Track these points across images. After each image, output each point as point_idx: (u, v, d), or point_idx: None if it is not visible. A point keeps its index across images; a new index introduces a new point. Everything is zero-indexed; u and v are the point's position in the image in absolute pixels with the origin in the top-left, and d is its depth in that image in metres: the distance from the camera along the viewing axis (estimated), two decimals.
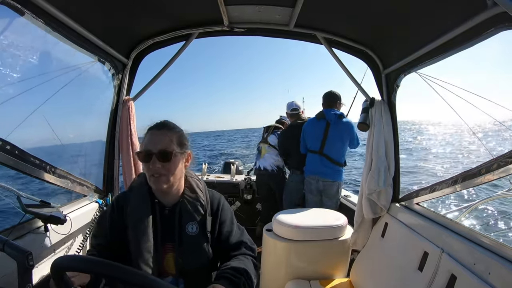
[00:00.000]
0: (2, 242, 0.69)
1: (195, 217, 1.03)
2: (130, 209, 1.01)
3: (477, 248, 1.12)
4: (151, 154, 0.95)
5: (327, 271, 1.88)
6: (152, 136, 1.00)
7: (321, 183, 2.70)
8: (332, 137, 2.70)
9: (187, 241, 1.00)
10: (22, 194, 1.25)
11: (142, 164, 1.00)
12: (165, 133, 1.00)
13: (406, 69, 1.63)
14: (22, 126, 1.25)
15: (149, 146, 0.97)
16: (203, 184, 1.14)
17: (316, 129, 2.78)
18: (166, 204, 1.04)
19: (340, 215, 2.01)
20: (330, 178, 2.68)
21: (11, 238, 1.11)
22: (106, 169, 1.94)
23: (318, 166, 2.72)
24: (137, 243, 0.96)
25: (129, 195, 1.05)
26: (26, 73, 1.27)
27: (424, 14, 1.25)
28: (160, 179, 0.96)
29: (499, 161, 1.06)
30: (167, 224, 1.02)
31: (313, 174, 2.76)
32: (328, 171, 2.68)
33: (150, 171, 0.96)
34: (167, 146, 0.97)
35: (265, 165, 3.30)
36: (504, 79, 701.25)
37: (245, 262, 1.01)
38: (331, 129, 2.70)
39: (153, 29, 1.78)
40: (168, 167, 0.97)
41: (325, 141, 2.71)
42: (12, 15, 1.05)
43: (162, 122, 1.05)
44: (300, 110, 3.25)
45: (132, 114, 1.91)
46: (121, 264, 0.60)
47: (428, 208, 1.61)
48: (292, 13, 1.56)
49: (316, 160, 2.74)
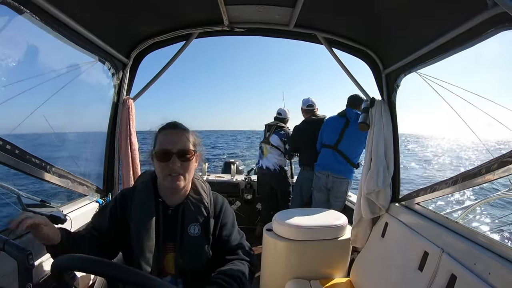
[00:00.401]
0: (2, 241, 0.69)
1: (197, 219, 1.03)
2: (134, 206, 1.00)
3: (477, 248, 1.12)
4: (170, 154, 0.95)
5: (327, 271, 1.88)
6: (168, 135, 0.99)
7: (331, 178, 2.67)
8: (349, 135, 2.68)
9: (189, 242, 1.00)
10: (22, 194, 1.25)
11: (156, 164, 0.98)
12: (182, 132, 1.00)
13: (406, 69, 1.63)
14: (22, 126, 1.25)
15: (167, 146, 0.96)
16: (208, 186, 1.14)
17: (336, 125, 2.78)
18: (170, 204, 1.04)
19: (340, 215, 2.02)
20: (342, 174, 2.65)
21: (11, 238, 1.11)
22: (106, 168, 1.94)
23: (330, 161, 2.70)
24: (139, 241, 0.96)
25: (133, 192, 1.05)
26: (26, 73, 1.27)
27: (424, 14, 1.25)
28: (178, 178, 0.96)
29: (499, 161, 1.06)
30: (170, 224, 1.02)
31: (324, 169, 2.73)
32: (341, 167, 2.66)
33: (168, 170, 0.96)
34: (185, 145, 0.98)
35: (267, 165, 3.32)
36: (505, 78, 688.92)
37: (240, 267, 0.99)
38: (349, 127, 2.68)
39: (153, 29, 1.78)
40: (186, 166, 0.97)
41: (342, 138, 2.70)
42: (12, 14, 1.05)
43: (174, 122, 1.04)
44: (315, 107, 3.26)
45: (132, 114, 1.91)
46: (122, 264, 0.60)
47: (428, 208, 1.61)
48: (292, 13, 1.56)
49: (329, 155, 2.72)
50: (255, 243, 3.26)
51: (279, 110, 3.53)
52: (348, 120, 2.72)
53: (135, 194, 1.03)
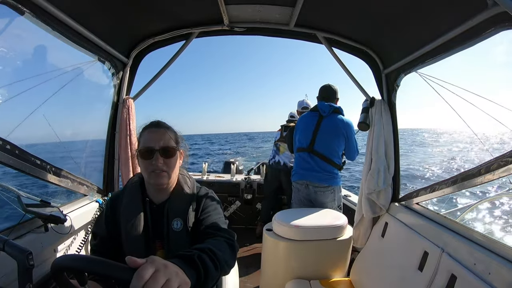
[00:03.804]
0: (2, 241, 0.69)
1: (180, 213, 1.03)
2: (123, 207, 1.03)
3: (477, 248, 1.12)
4: (153, 151, 0.97)
5: (327, 271, 1.88)
6: (151, 134, 1.01)
7: (311, 188, 2.23)
8: (325, 130, 2.23)
9: (173, 237, 1.01)
10: (22, 194, 1.25)
11: (140, 162, 1.00)
12: (164, 130, 1.02)
13: (406, 68, 1.63)
14: (22, 125, 1.25)
15: (150, 143, 0.98)
16: (192, 180, 1.15)
17: (307, 122, 2.34)
18: (156, 202, 1.06)
19: (340, 215, 2.02)
20: (322, 182, 2.19)
21: (11, 238, 1.11)
22: (106, 168, 1.94)
23: (306, 167, 2.26)
24: (129, 240, 0.98)
25: (122, 194, 1.07)
26: (26, 73, 1.27)
27: (424, 14, 1.25)
28: (161, 175, 0.98)
29: (499, 161, 1.06)
30: (157, 221, 1.04)
31: (301, 178, 2.28)
32: (319, 174, 2.20)
33: (152, 168, 0.97)
34: (168, 142, 1.00)
35: (285, 161, 3.37)
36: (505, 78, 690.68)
37: (211, 241, 0.87)
38: (323, 122, 2.25)
39: (153, 28, 1.78)
40: (169, 163, 0.99)
41: (316, 136, 2.24)
42: (12, 14, 1.05)
43: (158, 121, 1.07)
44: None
45: (132, 113, 1.91)
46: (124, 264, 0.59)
47: (428, 208, 1.61)
48: (292, 12, 1.56)
49: (305, 159, 2.27)
50: (255, 243, 3.27)
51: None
52: (321, 115, 2.28)
53: (124, 196, 1.06)
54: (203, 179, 3.80)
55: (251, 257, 2.96)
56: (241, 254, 3.03)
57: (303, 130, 2.35)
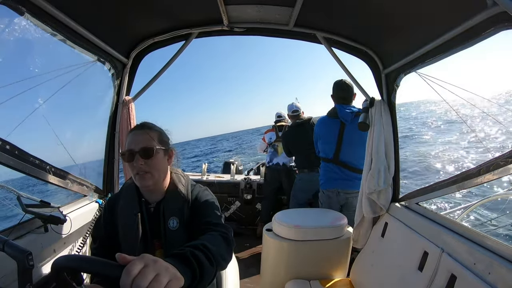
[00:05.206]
0: (2, 242, 0.69)
1: (175, 212, 1.04)
2: (120, 208, 1.04)
3: (477, 248, 1.12)
4: (133, 153, 0.98)
5: (327, 271, 1.88)
6: (133, 136, 1.03)
7: (342, 195, 2.27)
8: (349, 140, 2.20)
9: (170, 236, 1.01)
10: (22, 194, 1.25)
11: (127, 165, 1.01)
12: (146, 132, 1.03)
13: (406, 68, 1.63)
14: (22, 126, 1.25)
15: (131, 146, 1.00)
16: (187, 178, 1.15)
17: (329, 131, 2.29)
18: (151, 202, 1.07)
19: (340, 215, 2.02)
20: (354, 188, 2.20)
21: (11, 238, 1.11)
22: (106, 169, 1.94)
23: (335, 177, 2.26)
24: (126, 240, 1.00)
25: (119, 196, 1.09)
26: (26, 73, 1.27)
27: (424, 14, 1.25)
28: (145, 177, 0.99)
29: (499, 161, 1.06)
30: (154, 221, 1.04)
31: (331, 187, 2.29)
32: (350, 182, 2.23)
33: (135, 170, 0.99)
34: (148, 143, 1.00)
35: (284, 161, 3.40)
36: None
37: (205, 237, 0.86)
38: (346, 130, 2.21)
39: (153, 29, 1.78)
40: (150, 163, 0.99)
41: (340, 146, 2.23)
42: (12, 15, 1.05)
43: (142, 123, 1.09)
44: (300, 112, 3.32)
45: (132, 114, 1.91)
46: None
47: (428, 208, 1.61)
48: (292, 12, 1.56)
49: (331, 170, 2.27)
50: (255, 243, 3.27)
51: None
52: (343, 123, 2.23)
53: (120, 197, 1.07)
54: (203, 179, 3.80)
55: (251, 257, 2.96)
56: (242, 255, 3.03)
57: (325, 139, 2.33)
